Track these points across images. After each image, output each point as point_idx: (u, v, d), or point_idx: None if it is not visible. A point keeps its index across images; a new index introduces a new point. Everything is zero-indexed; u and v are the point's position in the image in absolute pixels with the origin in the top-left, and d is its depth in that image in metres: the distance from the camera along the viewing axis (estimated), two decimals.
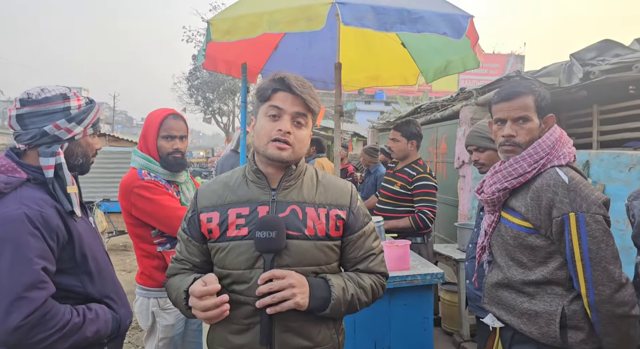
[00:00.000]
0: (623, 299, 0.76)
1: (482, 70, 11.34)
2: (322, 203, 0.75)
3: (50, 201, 0.78)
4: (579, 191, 0.80)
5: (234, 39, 1.48)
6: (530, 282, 0.85)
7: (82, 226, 0.86)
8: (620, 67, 2.02)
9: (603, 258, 0.77)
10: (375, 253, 0.79)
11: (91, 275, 0.85)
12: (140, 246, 1.23)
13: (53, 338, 0.73)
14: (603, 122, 2.33)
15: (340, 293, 0.71)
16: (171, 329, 1.23)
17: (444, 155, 3.44)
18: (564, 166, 0.86)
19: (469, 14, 1.47)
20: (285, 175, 0.75)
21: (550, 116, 0.90)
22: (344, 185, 0.80)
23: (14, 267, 0.70)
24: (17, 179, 0.77)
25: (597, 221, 0.78)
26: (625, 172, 1.66)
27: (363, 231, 0.78)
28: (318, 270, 0.74)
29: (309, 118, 0.75)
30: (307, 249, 0.72)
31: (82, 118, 0.84)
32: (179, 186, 1.29)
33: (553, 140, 0.87)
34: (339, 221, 0.75)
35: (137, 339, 2.26)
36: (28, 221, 0.72)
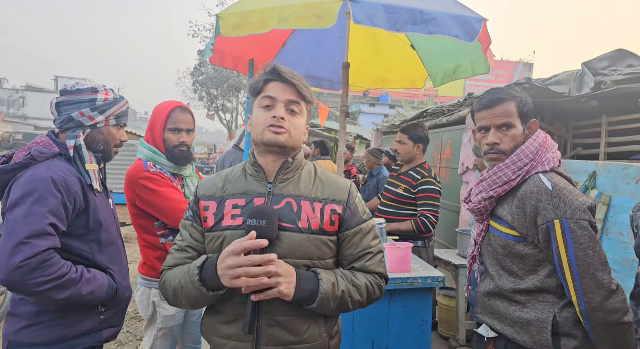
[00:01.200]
0: (614, 306, 0.74)
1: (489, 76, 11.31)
2: (317, 197, 0.75)
3: (75, 173, 0.92)
4: (563, 197, 0.79)
5: (243, 33, 1.47)
6: (521, 291, 0.83)
7: (100, 201, 0.97)
8: (632, 78, 2.00)
9: (590, 265, 0.75)
10: (372, 251, 0.77)
11: (100, 244, 0.95)
12: (143, 237, 1.24)
13: (50, 285, 0.81)
14: (611, 133, 2.31)
15: (329, 287, 0.70)
16: (171, 320, 1.24)
17: (448, 160, 3.41)
18: (548, 172, 0.84)
19: (482, 17, 1.45)
20: (281, 168, 0.75)
21: (533, 121, 0.89)
22: (342, 182, 0.80)
23: (28, 216, 0.82)
24: (50, 151, 0.92)
25: (582, 227, 0.76)
26: (632, 184, 1.64)
27: (360, 228, 0.77)
28: (310, 264, 0.73)
29: (303, 106, 0.76)
30: (300, 241, 0.71)
31: (105, 109, 0.98)
32: (184, 179, 1.29)
33: (536, 146, 0.86)
34: (334, 215, 0.74)
35: (136, 329, 2.26)
36: (52, 182, 0.86)
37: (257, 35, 1.76)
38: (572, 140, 2.57)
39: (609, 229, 1.69)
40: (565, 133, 2.58)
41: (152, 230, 1.20)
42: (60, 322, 0.89)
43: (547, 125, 2.52)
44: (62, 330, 0.89)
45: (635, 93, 2.00)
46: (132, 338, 2.17)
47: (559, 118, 2.55)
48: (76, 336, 0.91)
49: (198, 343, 1.39)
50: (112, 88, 1.03)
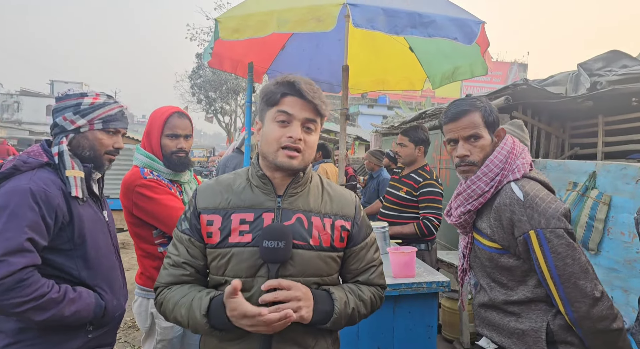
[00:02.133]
0: (600, 314, 0.73)
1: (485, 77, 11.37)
2: (327, 212, 0.74)
3: (59, 184, 0.87)
4: (535, 207, 0.77)
5: (242, 37, 1.46)
6: (513, 302, 0.82)
7: (86, 213, 0.91)
8: (627, 79, 2.02)
9: (572, 274, 0.74)
10: (375, 264, 0.78)
11: (87, 260, 0.89)
12: (140, 247, 1.21)
13: (27, 306, 0.77)
14: (608, 133, 2.33)
15: (342, 306, 0.70)
16: (170, 331, 1.20)
17: (448, 161, 3.42)
18: (519, 179, 0.83)
19: (480, 20, 1.46)
20: (292, 182, 0.73)
21: (500, 129, 0.89)
22: (349, 195, 0.80)
23: (4, 232, 0.77)
24: (36, 161, 0.87)
25: (558, 236, 0.75)
26: (632, 184, 1.64)
27: (365, 243, 0.78)
28: (320, 281, 0.72)
29: (319, 123, 0.74)
30: (311, 259, 0.70)
31: (88, 112, 0.93)
32: (182, 185, 1.26)
33: (505, 154, 0.85)
34: (344, 232, 0.74)
35: (134, 339, 2.23)
36: (30, 195, 0.81)
37: (256, 39, 1.76)
38: (569, 140, 2.59)
39: (610, 229, 1.70)
40: (562, 134, 2.60)
41: (150, 238, 1.17)
42: (45, 340, 0.84)
43: (545, 126, 2.54)
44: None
45: (630, 94, 2.03)
46: (129, 348, 2.13)
47: (557, 119, 2.57)
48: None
49: None
50: (107, 94, 0.99)
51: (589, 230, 1.73)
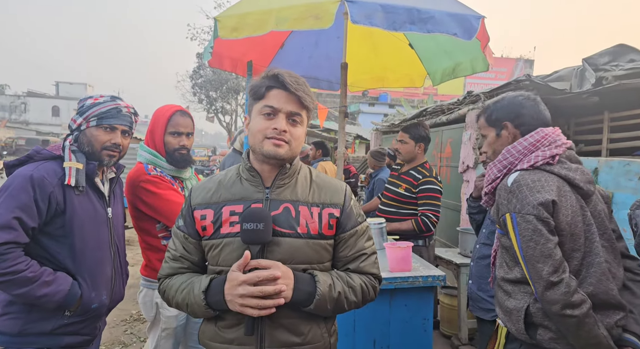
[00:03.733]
0: (552, 297, 0.77)
1: (489, 74, 11.27)
2: (315, 202, 0.75)
3: (60, 175, 0.94)
4: (517, 194, 0.84)
5: (241, 36, 1.47)
6: (508, 280, 0.89)
7: (82, 205, 0.96)
8: (634, 73, 1.98)
9: (532, 257, 0.80)
10: (366, 253, 0.78)
11: (73, 250, 0.94)
12: (144, 239, 1.24)
13: (3, 278, 0.84)
14: (613, 129, 2.29)
15: (326, 289, 0.71)
16: (174, 320, 1.24)
17: (448, 159, 3.40)
18: (525, 169, 0.88)
19: (480, 15, 1.44)
20: (279, 174, 0.75)
21: (504, 123, 0.97)
22: (338, 184, 0.81)
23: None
24: (49, 153, 0.97)
25: (526, 221, 0.81)
26: (634, 181, 1.62)
27: (355, 230, 0.78)
28: (309, 268, 0.73)
29: (304, 116, 0.75)
30: (299, 247, 0.72)
31: (84, 111, 1.00)
32: (184, 182, 1.30)
33: (526, 145, 0.91)
34: (332, 220, 0.75)
35: (139, 331, 2.27)
36: (29, 180, 0.89)
37: (255, 38, 1.75)
38: (574, 137, 2.55)
39: None
40: (567, 130, 2.56)
41: (154, 232, 1.21)
42: (24, 316, 0.91)
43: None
44: (22, 324, 0.90)
45: (637, 89, 1.99)
46: (136, 339, 2.18)
47: (561, 115, 2.53)
48: (34, 334, 0.91)
49: None
50: (112, 95, 1.04)
51: None
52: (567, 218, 0.82)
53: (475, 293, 1.28)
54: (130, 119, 1.05)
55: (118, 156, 1.04)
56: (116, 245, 1.06)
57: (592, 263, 0.83)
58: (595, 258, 0.83)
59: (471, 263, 1.34)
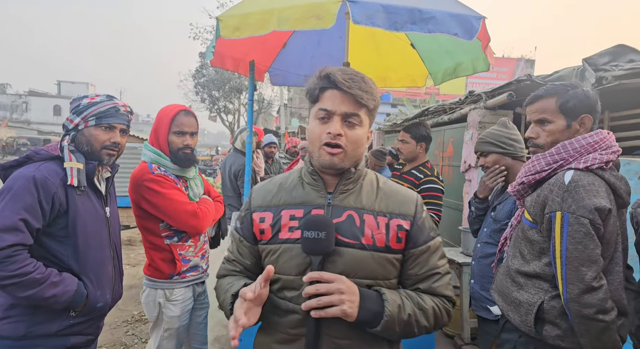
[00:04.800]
0: (589, 301, 0.78)
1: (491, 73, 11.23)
2: (382, 210, 0.68)
3: (62, 176, 0.94)
4: (574, 194, 0.81)
5: (243, 35, 1.48)
6: (523, 273, 0.89)
7: (84, 205, 0.96)
8: (633, 73, 1.98)
9: (577, 259, 0.79)
10: (440, 272, 0.70)
11: (76, 250, 0.95)
12: (148, 239, 1.25)
13: (10, 281, 0.84)
14: (614, 129, 2.29)
15: (395, 310, 0.63)
16: (177, 321, 1.25)
17: (450, 158, 3.41)
18: (581, 170, 0.85)
19: (481, 15, 1.45)
20: (342, 178, 0.69)
21: (585, 116, 0.89)
22: (408, 193, 0.72)
23: (2, 211, 0.86)
24: (48, 153, 0.96)
25: (580, 223, 0.79)
26: (634, 180, 1.63)
27: (428, 246, 0.69)
28: (374, 284, 0.66)
29: (363, 116, 0.67)
30: (363, 259, 0.65)
31: (82, 110, 1.00)
32: (188, 181, 1.30)
33: (584, 144, 0.86)
34: (401, 232, 0.67)
35: (141, 332, 2.28)
36: (32, 181, 0.89)
37: (258, 37, 1.77)
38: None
39: None
40: None
41: (157, 231, 1.22)
42: (27, 319, 0.90)
43: None
44: (26, 327, 0.90)
45: (636, 89, 1.99)
46: (137, 340, 2.18)
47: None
48: (40, 336, 0.90)
49: (205, 343, 1.40)
50: (108, 94, 1.04)
51: None
52: (610, 227, 0.82)
53: (477, 293, 1.28)
54: (127, 118, 1.05)
55: (117, 155, 1.04)
56: (115, 244, 1.07)
57: (613, 271, 0.84)
58: (616, 266, 0.84)
59: (473, 262, 1.34)
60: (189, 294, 1.28)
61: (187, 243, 1.26)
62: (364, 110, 0.67)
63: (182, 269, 1.24)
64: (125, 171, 2.02)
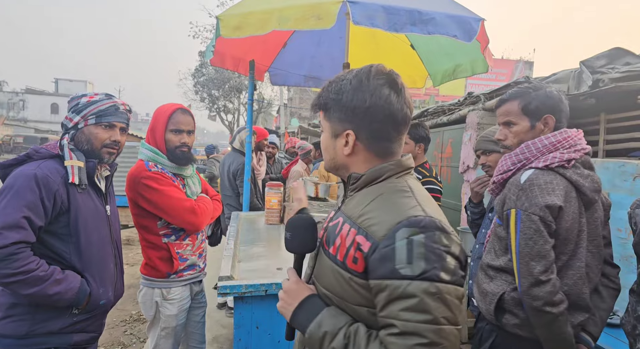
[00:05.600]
0: (537, 294, 0.81)
1: (490, 75, 11.28)
2: (359, 223, 0.57)
3: (63, 174, 0.95)
4: (528, 192, 0.85)
5: (243, 35, 1.48)
6: (493, 267, 0.94)
7: (85, 203, 0.97)
8: (630, 76, 2.01)
9: (528, 254, 0.83)
10: (397, 327, 0.50)
11: (79, 248, 0.95)
12: (145, 237, 1.24)
13: (14, 278, 0.84)
14: (610, 131, 2.32)
15: (318, 334, 0.55)
16: (174, 320, 1.25)
17: (449, 159, 3.42)
18: (540, 168, 0.88)
19: (480, 17, 1.47)
20: (347, 185, 0.65)
21: (547, 116, 0.92)
22: (399, 212, 0.54)
23: (5, 209, 0.86)
24: (47, 152, 0.96)
25: (531, 220, 0.83)
26: (629, 181, 1.65)
27: (386, 285, 0.51)
28: (332, 298, 0.59)
29: (322, 121, 0.65)
30: (325, 268, 0.60)
31: (81, 109, 1.00)
32: (185, 179, 1.30)
33: (547, 143, 0.89)
34: (358, 252, 0.55)
35: (139, 332, 2.27)
36: (34, 179, 0.89)
37: (258, 37, 1.78)
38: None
39: None
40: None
41: (155, 229, 1.21)
42: (29, 317, 0.90)
43: None
44: (29, 326, 0.90)
45: (632, 91, 2.02)
46: (135, 340, 2.17)
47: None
48: (43, 334, 0.90)
49: (203, 342, 1.40)
50: (107, 93, 1.04)
51: None
52: (566, 224, 0.84)
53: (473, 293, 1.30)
54: (126, 116, 1.06)
55: (116, 153, 1.04)
56: (115, 241, 1.07)
57: (573, 266, 0.87)
58: (577, 262, 0.87)
59: (471, 262, 1.35)
60: (186, 293, 1.28)
61: (185, 242, 1.26)
62: (320, 115, 0.65)
63: (179, 268, 1.24)
64: (124, 170, 2.02)
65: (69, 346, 0.95)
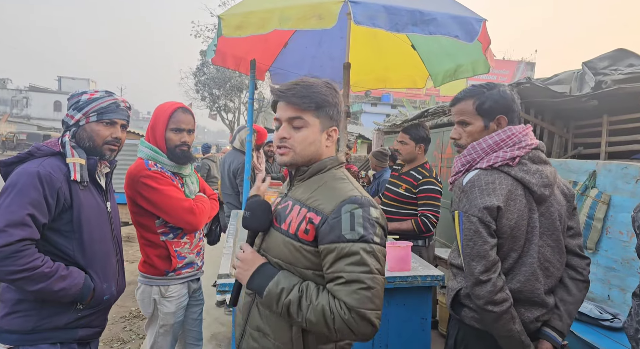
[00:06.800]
0: (478, 293, 0.84)
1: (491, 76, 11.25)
2: (307, 204, 0.74)
3: (65, 171, 0.95)
4: (469, 194, 0.87)
5: (244, 34, 1.48)
6: (454, 265, 0.98)
7: (87, 200, 0.97)
8: (633, 78, 2.00)
9: (468, 254, 0.86)
10: (344, 278, 0.66)
11: (82, 244, 0.96)
12: (143, 235, 1.25)
13: (20, 275, 0.85)
14: (612, 133, 2.30)
15: (275, 290, 0.69)
16: (172, 317, 1.25)
17: (449, 160, 3.42)
18: (483, 169, 0.89)
19: (482, 18, 1.46)
20: (295, 174, 0.82)
21: (500, 117, 0.92)
22: (340, 193, 0.72)
23: (9, 206, 0.87)
24: (49, 149, 0.97)
25: (470, 221, 0.85)
26: (632, 183, 1.64)
27: (334, 247, 0.67)
28: (282, 265, 0.74)
29: (310, 117, 0.75)
30: (277, 241, 0.75)
31: (83, 106, 1.00)
32: (184, 178, 1.30)
33: (491, 143, 0.90)
34: (309, 225, 0.71)
35: (138, 328, 2.29)
36: (37, 177, 0.90)
37: (259, 36, 1.78)
38: (573, 140, 2.57)
39: (609, 228, 1.69)
40: (566, 133, 2.58)
41: (153, 228, 1.22)
42: (35, 313, 0.91)
43: (548, 125, 2.52)
44: (35, 321, 0.91)
45: (636, 93, 2.00)
46: (134, 336, 2.19)
47: (560, 118, 2.55)
48: (49, 329, 0.92)
49: (200, 340, 1.41)
50: (107, 90, 1.05)
51: (587, 229, 1.73)
52: (510, 222, 0.85)
53: None
54: (127, 113, 1.06)
55: (117, 150, 1.05)
56: (116, 237, 1.08)
57: (525, 262, 0.88)
58: (529, 258, 0.87)
59: None
60: (184, 290, 1.28)
61: (183, 240, 1.26)
62: (307, 113, 0.75)
63: (177, 266, 1.25)
64: (124, 168, 2.02)
65: (74, 340, 0.96)
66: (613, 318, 1.40)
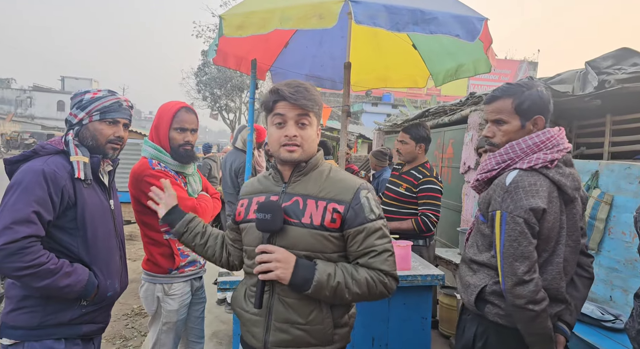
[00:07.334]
0: (521, 293, 0.84)
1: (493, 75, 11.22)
2: (322, 197, 0.82)
3: (69, 169, 0.97)
4: (513, 195, 0.86)
5: (245, 34, 1.49)
6: (476, 261, 0.97)
7: (91, 198, 0.99)
8: (637, 77, 1.98)
9: (511, 255, 0.86)
10: (376, 250, 0.80)
11: (86, 242, 0.97)
12: (147, 234, 1.26)
13: (26, 272, 0.86)
14: (615, 133, 2.29)
15: (324, 277, 0.77)
16: (175, 315, 1.26)
17: (450, 159, 3.41)
18: (524, 169, 0.89)
19: (483, 17, 1.45)
20: (294, 171, 0.85)
21: (538, 117, 0.93)
22: (350, 182, 0.84)
23: (15, 204, 0.88)
24: (53, 148, 0.98)
25: (516, 222, 0.85)
26: (635, 184, 1.63)
27: (364, 227, 0.80)
28: (312, 255, 0.80)
29: (312, 117, 0.83)
30: (302, 235, 0.80)
31: (86, 105, 1.02)
32: (187, 177, 1.31)
33: (530, 144, 0.90)
34: (336, 214, 0.80)
35: (141, 325, 2.30)
36: (42, 174, 0.91)
37: (260, 36, 1.78)
38: (576, 140, 2.55)
39: (612, 228, 1.68)
40: (569, 133, 2.56)
41: (156, 226, 1.23)
42: (41, 309, 0.92)
43: (551, 125, 2.49)
44: (40, 317, 0.92)
45: (639, 93, 1.99)
46: (137, 334, 2.20)
47: (563, 118, 2.53)
48: (53, 325, 0.93)
49: (202, 337, 1.42)
50: (109, 89, 1.05)
51: (589, 229, 1.72)
52: (549, 224, 0.87)
53: None
54: (129, 112, 1.07)
55: (120, 148, 1.06)
56: (119, 234, 1.09)
57: (553, 262, 0.89)
58: (556, 258, 0.89)
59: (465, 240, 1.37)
60: (187, 288, 1.29)
61: None
62: (312, 113, 0.83)
63: (180, 264, 1.25)
64: (127, 167, 2.03)
65: (78, 336, 0.97)
66: (615, 319, 1.39)
